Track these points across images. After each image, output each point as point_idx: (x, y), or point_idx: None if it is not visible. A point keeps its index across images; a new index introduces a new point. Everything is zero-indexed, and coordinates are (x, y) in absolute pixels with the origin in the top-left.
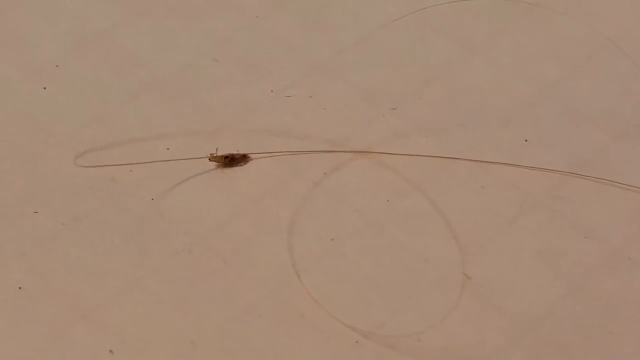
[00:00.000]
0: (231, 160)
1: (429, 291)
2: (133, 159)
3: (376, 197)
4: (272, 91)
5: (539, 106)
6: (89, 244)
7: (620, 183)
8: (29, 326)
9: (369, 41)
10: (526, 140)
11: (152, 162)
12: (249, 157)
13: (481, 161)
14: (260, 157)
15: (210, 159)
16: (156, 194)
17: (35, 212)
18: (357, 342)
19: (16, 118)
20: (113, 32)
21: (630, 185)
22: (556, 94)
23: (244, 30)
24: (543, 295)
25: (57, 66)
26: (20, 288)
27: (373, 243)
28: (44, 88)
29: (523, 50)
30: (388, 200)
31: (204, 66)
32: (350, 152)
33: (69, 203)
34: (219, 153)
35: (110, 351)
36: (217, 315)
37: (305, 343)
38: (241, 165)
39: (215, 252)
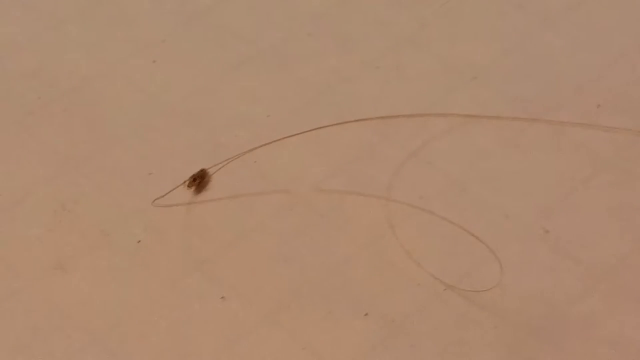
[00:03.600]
0: (200, 179)
1: (510, 244)
2: (237, 125)
3: (460, 158)
4: (362, 62)
5: (610, 74)
6: (199, 202)
7: None
8: (147, 276)
9: (450, 15)
10: (598, 106)
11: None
12: (206, 171)
13: (557, 122)
14: (353, 124)
15: (188, 186)
16: (259, 156)
17: (149, 174)
18: (444, 290)
19: (129, 89)
20: (215, 9)
21: None
22: (627, 61)
23: (336, 6)
24: (616, 247)
25: (164, 41)
26: (139, 242)
27: (457, 200)
28: (154, 61)
29: (595, 21)
30: (471, 161)
31: (299, 40)
32: (435, 115)
33: (180, 165)
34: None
35: (222, 297)
36: (317, 266)
37: (397, 291)
38: (207, 182)
39: (314, 209)
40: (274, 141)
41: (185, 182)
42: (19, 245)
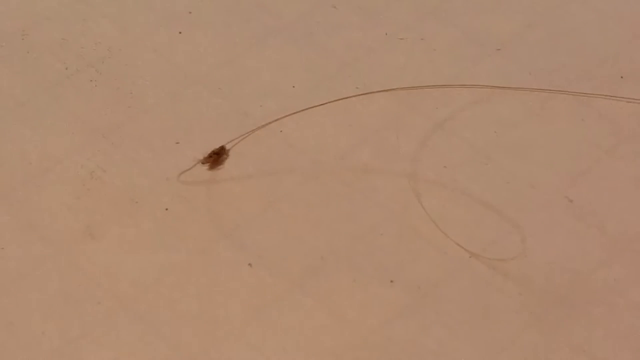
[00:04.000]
0: (217, 155)
1: (535, 213)
2: (263, 95)
3: (484, 128)
4: (386, 34)
5: (633, 46)
6: (226, 172)
7: None
8: (176, 243)
9: None
10: (622, 77)
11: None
12: (225, 148)
13: (581, 94)
14: (378, 94)
15: (202, 163)
16: (285, 126)
17: (177, 143)
18: (469, 258)
19: (156, 60)
20: None
21: None
22: None
23: None
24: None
25: (190, 13)
26: (166, 210)
27: (482, 170)
28: (180, 33)
29: None
30: (495, 132)
31: (324, 12)
32: (459, 86)
33: (207, 134)
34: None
35: (249, 264)
36: (344, 234)
37: (422, 259)
38: (224, 159)
39: (340, 178)
40: (300, 111)
41: (200, 160)
42: (49, 212)
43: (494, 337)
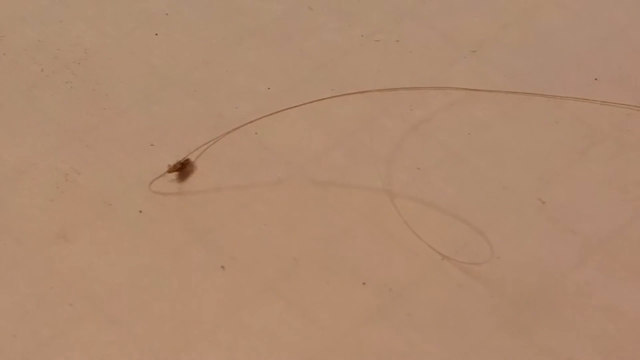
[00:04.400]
0: (183, 166)
1: (507, 215)
2: (238, 97)
3: (458, 130)
4: (362, 36)
5: (608, 48)
6: (200, 174)
7: None
8: (149, 246)
9: None
10: (596, 79)
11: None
12: (190, 161)
13: (555, 96)
14: (350, 96)
15: (169, 172)
16: (259, 128)
17: (151, 145)
18: (441, 260)
19: (132, 61)
20: None
21: None
22: (624, 36)
23: None
24: (612, 218)
25: (166, 14)
26: (140, 212)
27: (455, 172)
28: (156, 34)
29: None
30: (469, 134)
31: (300, 14)
32: (434, 88)
33: (181, 136)
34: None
35: (222, 267)
36: (317, 236)
37: (395, 261)
38: (190, 171)
39: (314, 180)
40: (275, 112)
41: (167, 169)
42: (23, 215)
43: (465, 339)
